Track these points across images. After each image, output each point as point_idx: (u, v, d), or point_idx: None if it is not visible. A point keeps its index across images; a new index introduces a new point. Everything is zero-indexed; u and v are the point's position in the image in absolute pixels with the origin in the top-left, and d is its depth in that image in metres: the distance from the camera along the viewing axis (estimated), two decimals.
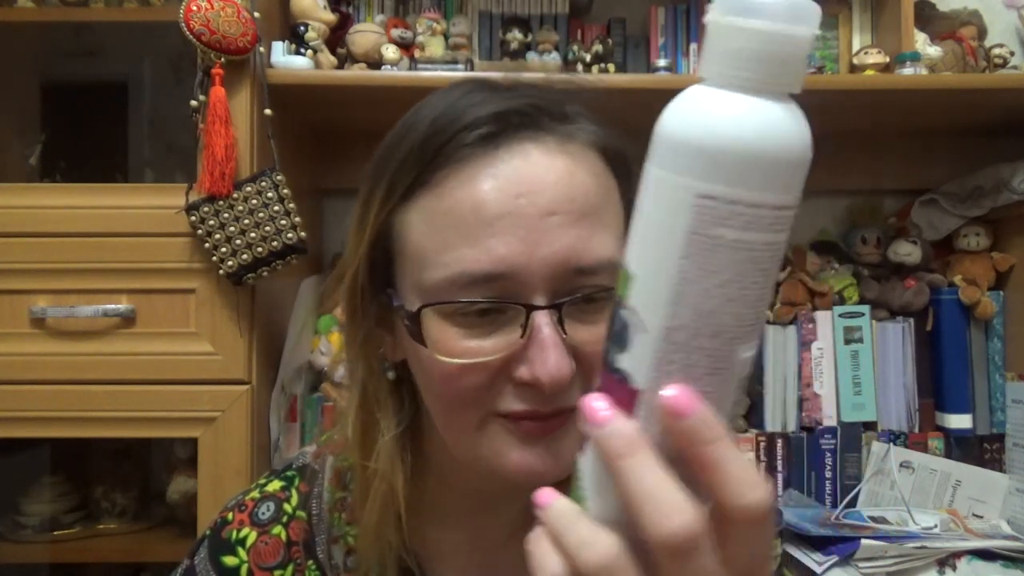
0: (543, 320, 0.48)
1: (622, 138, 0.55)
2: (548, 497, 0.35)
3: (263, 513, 0.63)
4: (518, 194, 0.49)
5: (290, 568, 0.62)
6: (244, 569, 0.61)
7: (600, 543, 0.32)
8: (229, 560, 0.62)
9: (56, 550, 1.33)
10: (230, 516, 0.64)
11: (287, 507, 0.63)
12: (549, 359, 0.47)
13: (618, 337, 0.33)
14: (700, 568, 0.31)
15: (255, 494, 0.65)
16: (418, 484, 0.60)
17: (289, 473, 0.66)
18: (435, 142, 0.51)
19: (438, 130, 0.52)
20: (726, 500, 0.31)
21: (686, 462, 0.32)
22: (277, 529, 0.62)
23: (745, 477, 0.31)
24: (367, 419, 0.58)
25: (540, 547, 0.34)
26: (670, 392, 0.31)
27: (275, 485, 0.65)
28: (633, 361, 0.33)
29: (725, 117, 0.30)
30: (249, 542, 0.62)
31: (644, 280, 0.32)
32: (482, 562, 0.61)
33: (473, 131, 0.51)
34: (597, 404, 0.33)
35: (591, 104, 0.57)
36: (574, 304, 0.49)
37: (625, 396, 0.33)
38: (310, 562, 0.62)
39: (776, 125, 0.31)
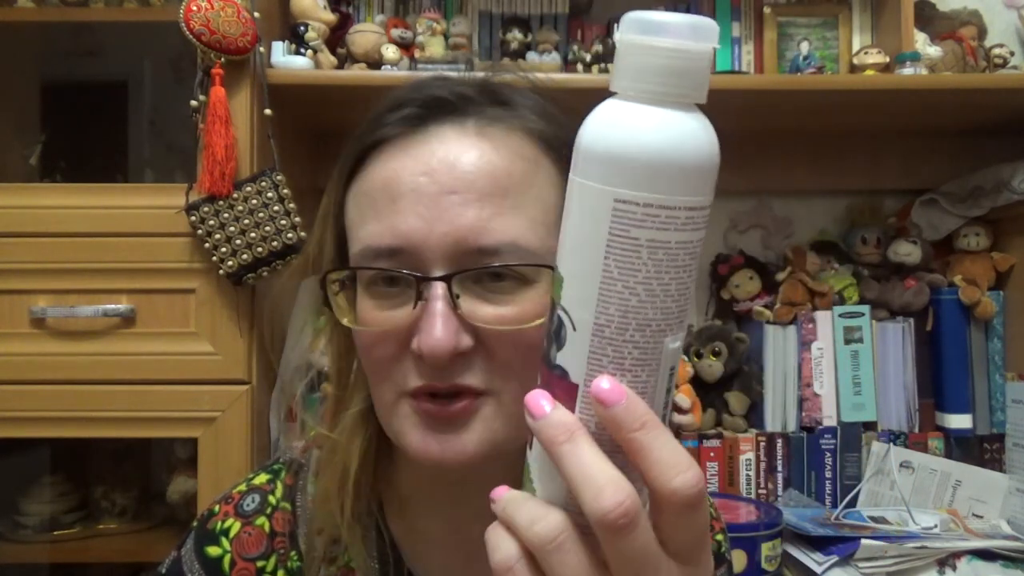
0: (434, 292, 0.49)
1: (568, 128, 0.55)
2: (501, 491, 0.37)
3: (248, 505, 0.64)
4: (423, 172, 0.51)
5: (273, 559, 0.62)
6: (227, 559, 0.62)
7: (550, 516, 0.34)
8: (212, 550, 0.62)
9: (56, 550, 1.33)
10: (216, 508, 0.64)
11: (272, 499, 0.64)
12: (433, 329, 0.48)
13: (555, 336, 0.36)
14: (637, 545, 0.33)
15: (242, 487, 0.65)
16: (389, 471, 0.61)
17: (276, 466, 0.67)
18: (369, 128, 0.55)
19: (374, 117, 0.55)
20: (653, 484, 0.33)
21: (623, 450, 0.34)
22: (261, 520, 0.63)
23: (672, 461, 0.33)
24: (338, 395, 0.60)
25: (494, 534, 0.36)
26: (598, 383, 0.34)
27: (261, 478, 0.66)
28: (569, 357, 0.35)
29: (636, 128, 0.33)
30: (233, 532, 0.62)
31: (574, 281, 0.35)
32: (466, 558, 0.61)
33: (397, 114, 0.53)
34: (538, 398, 0.35)
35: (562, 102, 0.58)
36: (478, 282, 0.50)
37: (565, 391, 0.36)
38: (293, 552, 0.62)
39: (684, 133, 0.33)
